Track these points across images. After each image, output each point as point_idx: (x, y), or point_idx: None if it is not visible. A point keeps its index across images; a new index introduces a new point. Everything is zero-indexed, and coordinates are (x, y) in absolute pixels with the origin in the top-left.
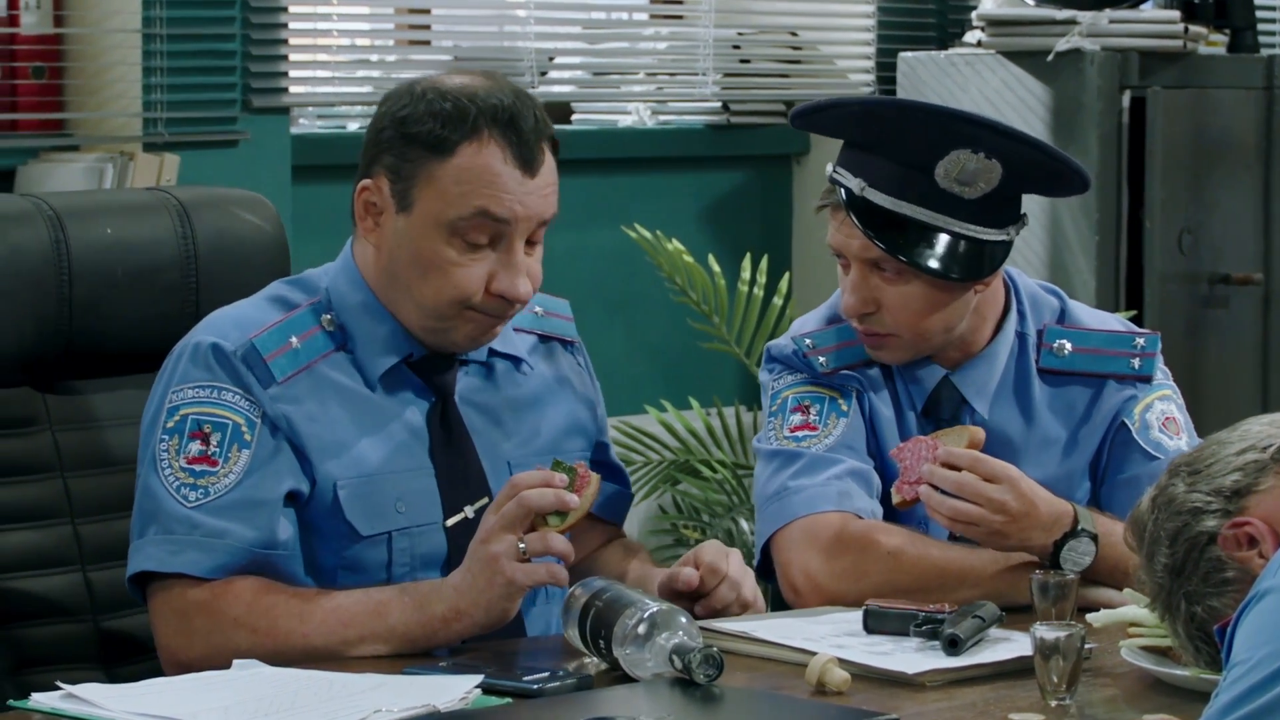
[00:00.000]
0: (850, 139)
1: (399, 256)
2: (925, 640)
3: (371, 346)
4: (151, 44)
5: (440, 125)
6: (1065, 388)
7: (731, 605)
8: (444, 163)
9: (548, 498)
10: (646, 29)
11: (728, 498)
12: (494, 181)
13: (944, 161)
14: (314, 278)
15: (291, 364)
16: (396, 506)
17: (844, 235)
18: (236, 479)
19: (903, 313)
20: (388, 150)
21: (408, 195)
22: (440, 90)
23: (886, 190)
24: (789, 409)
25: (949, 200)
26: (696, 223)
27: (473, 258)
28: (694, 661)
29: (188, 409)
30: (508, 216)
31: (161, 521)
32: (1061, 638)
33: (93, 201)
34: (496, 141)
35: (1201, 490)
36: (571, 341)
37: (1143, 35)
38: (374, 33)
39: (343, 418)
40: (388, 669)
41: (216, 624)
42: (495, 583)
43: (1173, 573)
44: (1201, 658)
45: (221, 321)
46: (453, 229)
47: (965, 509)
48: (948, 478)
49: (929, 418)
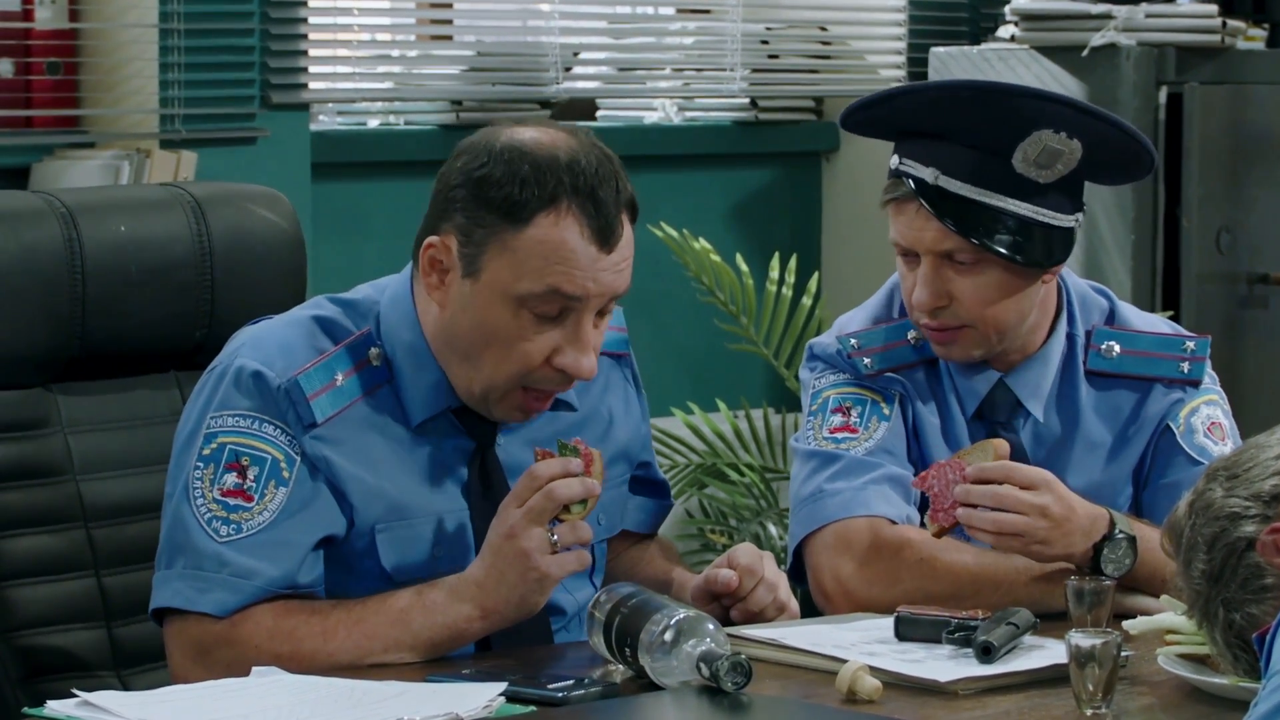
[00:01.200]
0: (918, 128)
1: (460, 320)
2: (958, 647)
3: (415, 390)
4: (168, 39)
5: (518, 190)
6: (1112, 391)
7: (768, 607)
8: (519, 233)
9: (575, 488)
10: (673, 23)
11: (755, 502)
12: (569, 258)
13: (1025, 143)
14: (366, 302)
15: (334, 404)
16: (434, 553)
17: (914, 229)
18: (271, 517)
19: (977, 303)
20: (460, 209)
21: (476, 261)
22: (520, 150)
23: (962, 177)
24: (830, 409)
25: (1025, 185)
26: (724, 221)
27: (538, 331)
28: (722, 669)
29: (226, 438)
30: (580, 294)
31: (190, 555)
32: (1097, 645)
33: (105, 198)
34: (575, 214)
35: (1240, 495)
36: (623, 355)
37: (1180, 30)
38: (395, 27)
39: (382, 458)
40: (410, 676)
41: (238, 655)
42: (528, 578)
43: (1210, 579)
44: (1240, 666)
45: (267, 345)
46: (520, 302)
47: (1009, 520)
48: (985, 493)
49: (981, 421)
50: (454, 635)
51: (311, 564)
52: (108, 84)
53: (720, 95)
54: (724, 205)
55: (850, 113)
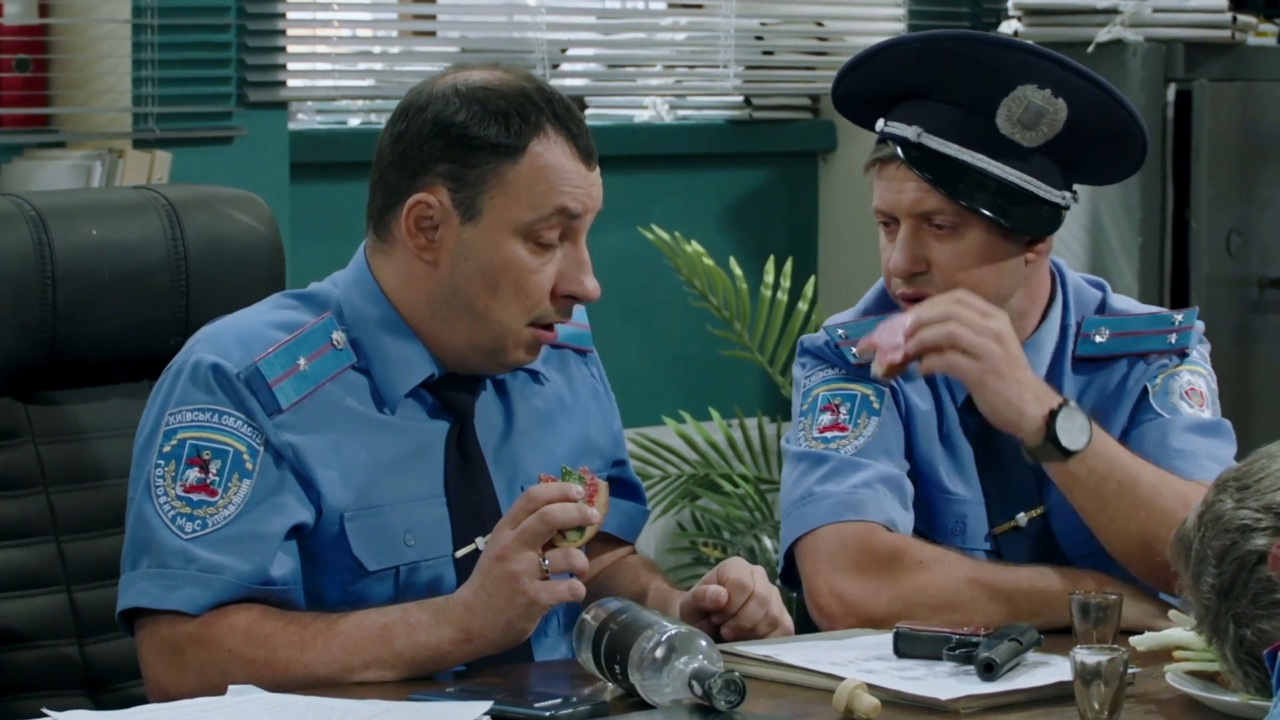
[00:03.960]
0: (904, 88)
1: (464, 270)
2: (959, 664)
3: (390, 366)
4: (142, 35)
5: (504, 125)
6: (1098, 373)
7: (760, 623)
8: (515, 164)
9: (571, 513)
10: (664, 19)
11: (750, 514)
12: (567, 177)
13: (1008, 99)
14: (322, 292)
15: (298, 389)
16: (405, 539)
17: (892, 191)
18: (236, 510)
19: (955, 270)
20: (443, 158)
21: (475, 203)
22: (487, 88)
23: (945, 135)
24: (818, 408)
25: (1009, 146)
26: (717, 223)
27: (544, 260)
28: (715, 687)
29: (186, 433)
30: (580, 210)
31: (155, 553)
32: (1103, 662)
33: (77, 201)
34: (561, 136)
35: (1250, 507)
36: (585, 351)
37: (1188, 25)
38: (376, 23)
39: (351, 444)
40: (392, 694)
41: (211, 657)
42: (516, 602)
43: (1220, 594)
44: (1251, 683)
45: (223, 337)
46: (528, 232)
47: (961, 334)
48: (936, 305)
49: (971, 411)
50: (436, 657)
51: (283, 558)
52: (79, 81)
53: (713, 93)
54: (717, 207)
55: (840, 79)
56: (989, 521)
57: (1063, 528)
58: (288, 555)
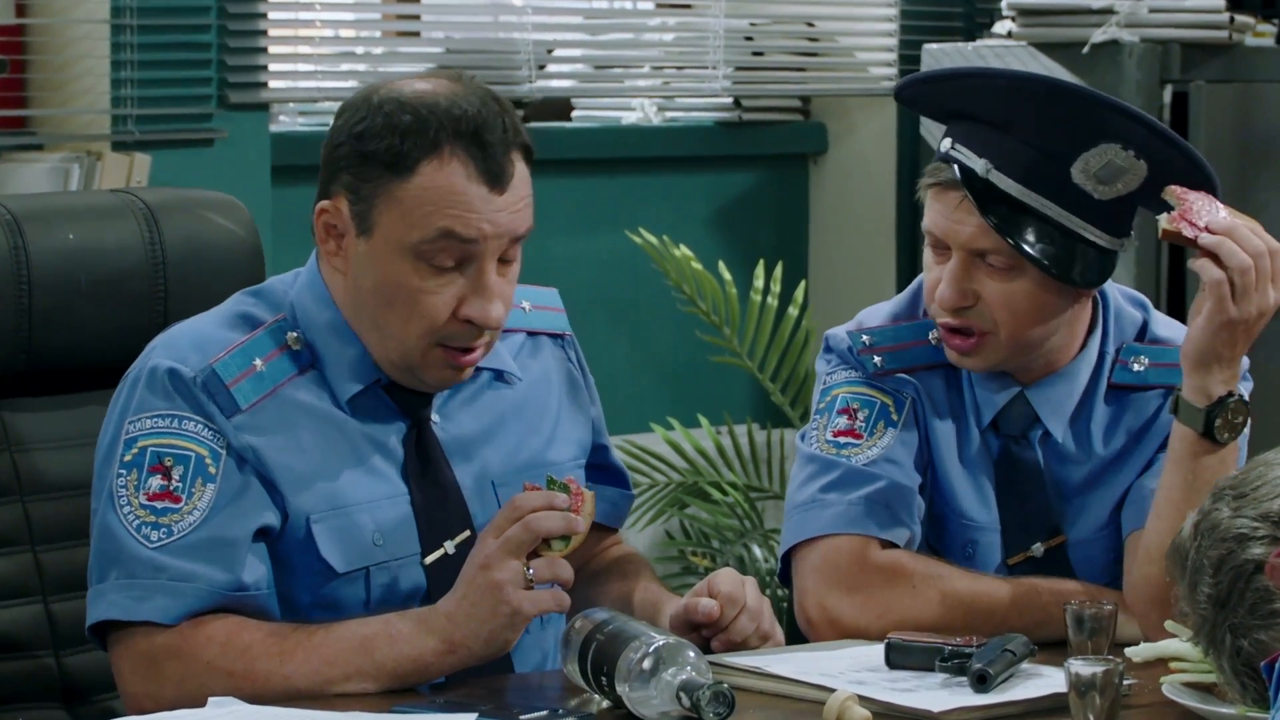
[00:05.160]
0: (980, 114)
1: (363, 283)
2: (951, 676)
3: (340, 369)
4: (121, 35)
5: (399, 140)
6: (1131, 403)
7: (751, 637)
8: (405, 182)
9: (555, 521)
10: (652, 19)
11: (739, 523)
12: (459, 201)
13: (1088, 154)
14: (278, 290)
15: (256, 389)
16: (374, 539)
17: (952, 220)
18: (202, 516)
19: (1004, 310)
20: (345, 168)
21: (368, 218)
22: (399, 100)
23: (1015, 176)
24: (836, 409)
25: (1080, 198)
26: (706, 227)
27: (439, 282)
28: (703, 699)
29: (146, 440)
30: (475, 237)
31: (123, 565)
32: (1098, 673)
33: (53, 205)
34: (460, 157)
35: (1248, 515)
36: (561, 335)
37: (1185, 25)
38: (359, 23)
39: (313, 445)
40: (375, 706)
41: (189, 669)
42: (499, 612)
43: (1217, 604)
44: (1248, 695)
45: (179, 342)
46: (417, 253)
47: (1248, 283)
48: (1254, 240)
49: (997, 433)
50: (419, 668)
51: (254, 563)
52: (57, 83)
53: (702, 94)
54: (706, 210)
55: (909, 84)
56: (1004, 549)
57: (1080, 558)
58: (258, 560)
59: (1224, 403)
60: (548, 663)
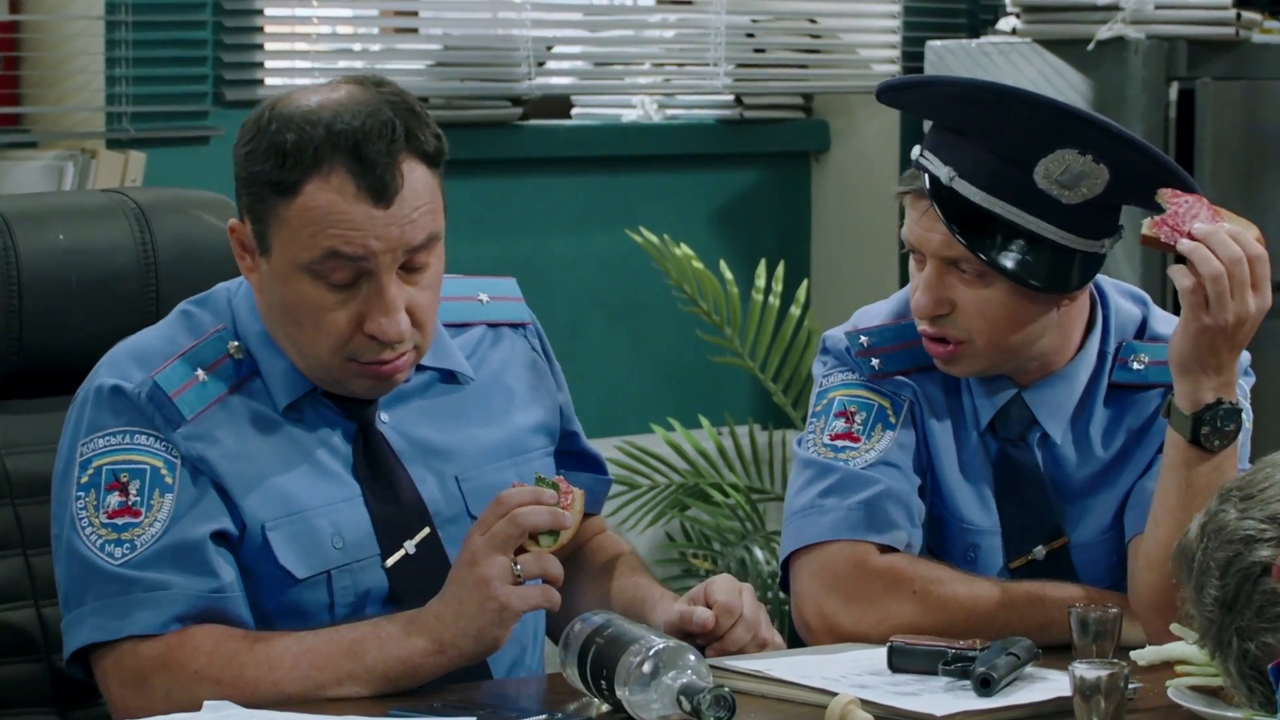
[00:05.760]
0: (944, 122)
1: (272, 302)
2: (955, 679)
3: (275, 379)
4: (115, 32)
5: (281, 162)
6: (1134, 399)
7: (748, 646)
8: (289, 203)
9: (543, 516)
10: (653, 15)
11: (740, 524)
12: (340, 220)
13: (1046, 160)
14: (222, 297)
15: (200, 399)
16: (333, 543)
17: (923, 228)
18: (163, 526)
19: (978, 318)
20: (243, 189)
21: (265, 239)
22: (285, 118)
23: (977, 183)
24: (833, 412)
25: (1045, 202)
26: (707, 226)
27: (337, 299)
28: (704, 703)
29: (100, 460)
30: (361, 254)
31: (96, 586)
32: (1103, 677)
33: (44, 205)
34: (340, 174)
35: (1254, 517)
36: (523, 324)
37: (1191, 22)
38: (357, 20)
39: (263, 451)
40: (372, 710)
41: (177, 680)
42: (487, 608)
43: (1224, 606)
44: (1255, 699)
45: (119, 358)
46: (311, 272)
47: (1222, 291)
48: (1230, 246)
49: (995, 435)
50: (409, 670)
51: (221, 564)
52: (51, 80)
53: (703, 92)
54: (707, 209)
55: (881, 90)
56: (1005, 553)
57: (1084, 560)
58: (226, 562)
59: (1214, 410)
60: (526, 657)
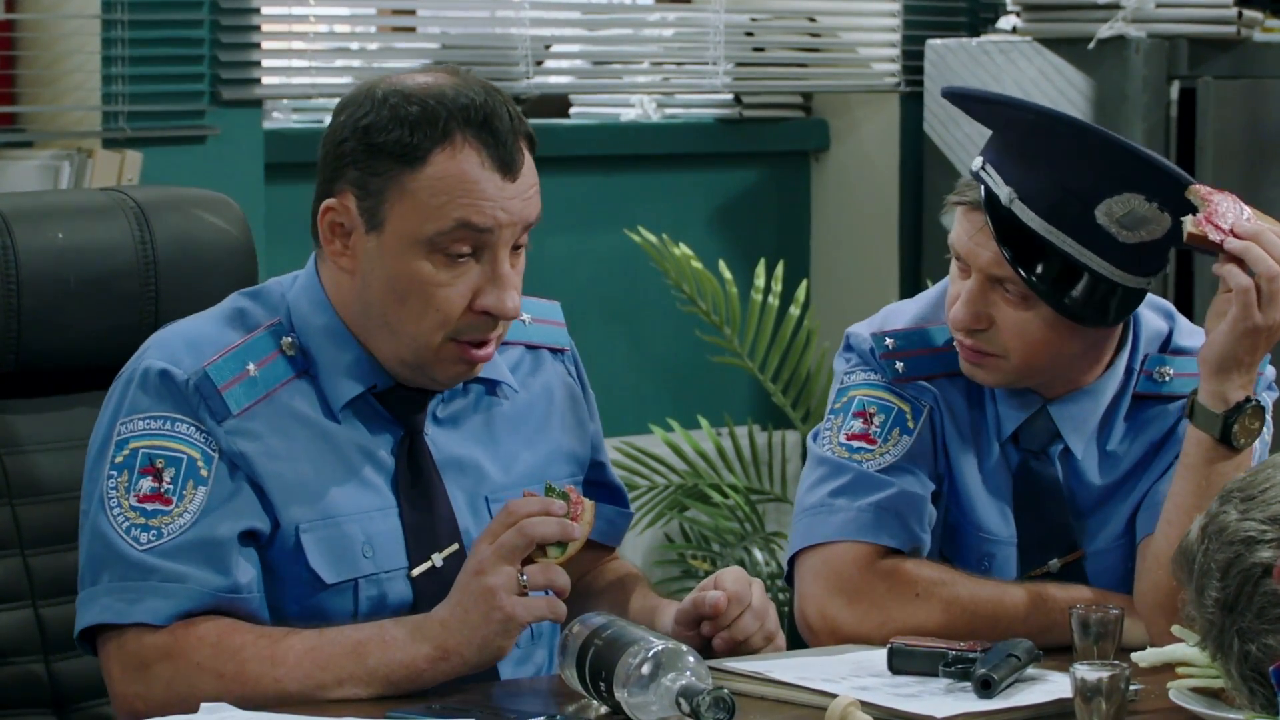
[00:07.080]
0: (1012, 141)
1: (373, 281)
2: (955, 681)
3: (334, 373)
4: (112, 31)
5: (409, 132)
6: (1153, 415)
7: (754, 636)
8: (416, 174)
9: (551, 526)
10: (651, 14)
11: (740, 525)
12: (472, 189)
13: (1111, 200)
14: (275, 292)
15: (248, 394)
16: (364, 551)
17: (974, 242)
18: (193, 518)
19: (1016, 339)
20: (351, 164)
21: (378, 213)
22: (404, 92)
23: (1037, 209)
24: (851, 411)
25: (1102, 238)
26: (706, 225)
27: (454, 273)
28: (703, 704)
29: (137, 442)
30: (491, 225)
31: (114, 568)
32: (1104, 678)
33: (42, 203)
34: (471, 145)
35: (1256, 518)
36: (562, 350)
37: (1192, 21)
38: (354, 19)
39: (304, 453)
40: (369, 712)
41: (179, 670)
42: (492, 618)
43: (1225, 608)
44: (1256, 700)
45: (172, 342)
46: (431, 245)
47: (1276, 291)
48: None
49: (1017, 446)
50: (411, 675)
51: (244, 565)
52: (47, 79)
53: (702, 91)
54: (706, 208)
55: (947, 94)
56: (1021, 564)
57: (1097, 569)
58: (248, 563)
59: (1241, 408)
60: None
